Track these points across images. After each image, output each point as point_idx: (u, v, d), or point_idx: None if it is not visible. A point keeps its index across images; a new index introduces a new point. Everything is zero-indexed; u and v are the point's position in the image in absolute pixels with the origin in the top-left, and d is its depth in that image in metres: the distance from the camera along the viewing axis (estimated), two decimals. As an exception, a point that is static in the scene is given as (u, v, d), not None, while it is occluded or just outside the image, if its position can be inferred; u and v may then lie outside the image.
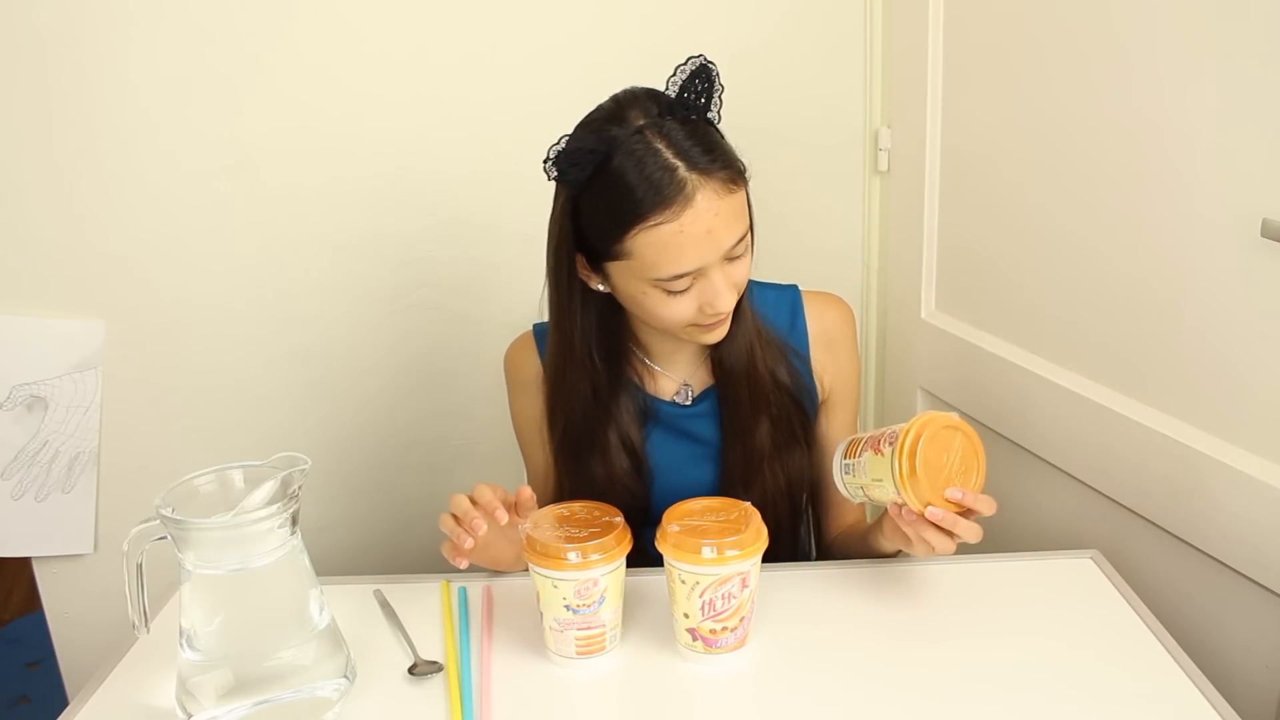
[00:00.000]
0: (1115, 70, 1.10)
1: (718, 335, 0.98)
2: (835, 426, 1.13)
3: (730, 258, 0.92)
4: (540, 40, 1.42)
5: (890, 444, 0.87)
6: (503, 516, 0.89)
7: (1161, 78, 1.04)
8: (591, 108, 0.95)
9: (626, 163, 0.88)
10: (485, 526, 0.88)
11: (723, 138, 0.94)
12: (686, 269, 0.90)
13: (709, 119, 0.94)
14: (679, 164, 0.87)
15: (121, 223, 1.34)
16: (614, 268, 0.94)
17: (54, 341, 1.35)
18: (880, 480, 0.89)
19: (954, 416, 0.88)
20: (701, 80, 0.91)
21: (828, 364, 1.11)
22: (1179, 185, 1.04)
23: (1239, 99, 0.95)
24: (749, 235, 0.94)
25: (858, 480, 0.92)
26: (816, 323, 1.11)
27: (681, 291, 0.92)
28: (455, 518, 0.90)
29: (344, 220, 1.43)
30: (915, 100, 1.46)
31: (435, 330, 1.52)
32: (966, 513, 0.88)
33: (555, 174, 0.92)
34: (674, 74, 0.92)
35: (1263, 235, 0.93)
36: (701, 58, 0.92)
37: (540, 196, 0.99)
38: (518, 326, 1.16)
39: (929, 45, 1.41)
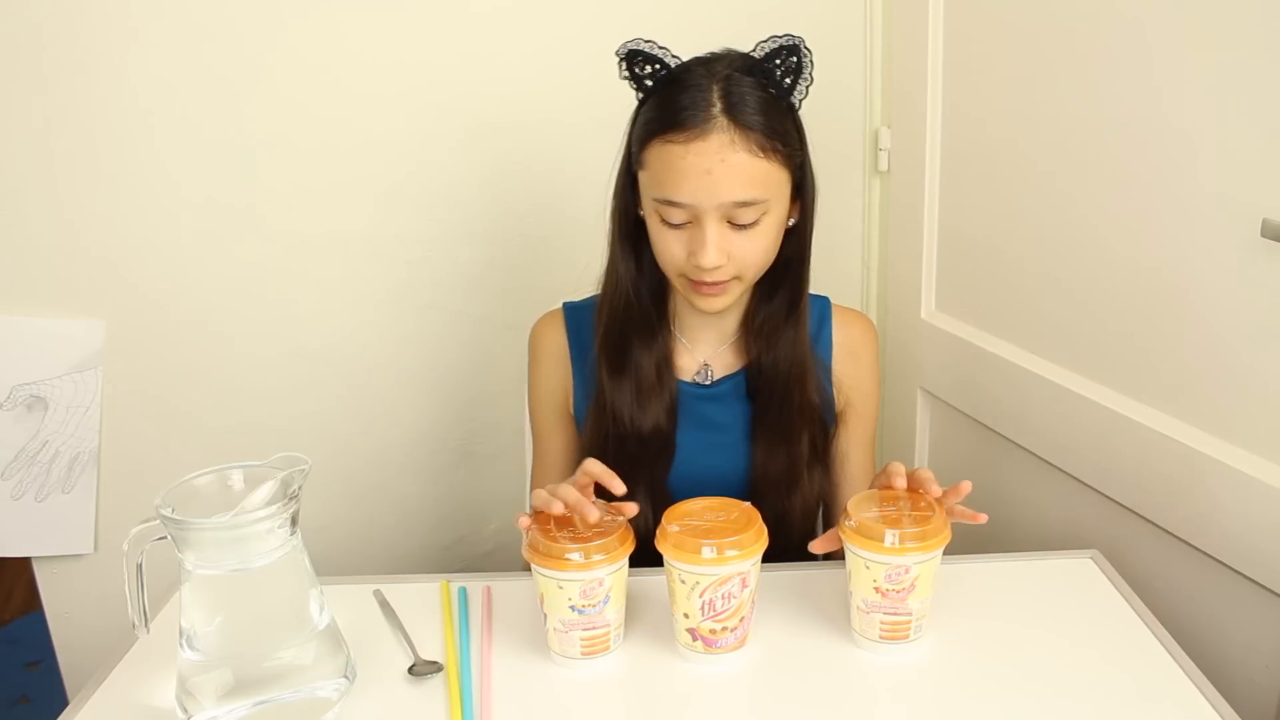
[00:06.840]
0: (1115, 70, 1.10)
1: (708, 304, 0.98)
2: (853, 441, 1.14)
3: (735, 223, 0.93)
4: (539, 40, 1.42)
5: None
6: (593, 514, 0.87)
7: (1161, 78, 1.04)
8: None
9: (680, 86, 0.93)
10: (597, 514, 0.87)
11: (787, 116, 0.95)
12: (678, 198, 0.92)
13: (783, 94, 0.95)
14: (718, 104, 0.92)
15: (121, 223, 1.34)
16: (641, 180, 0.98)
17: (54, 341, 1.35)
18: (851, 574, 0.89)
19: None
20: (788, 56, 0.94)
21: (848, 374, 1.12)
22: (1179, 185, 1.04)
23: (1239, 99, 0.96)
24: (766, 215, 0.94)
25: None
26: (842, 332, 1.12)
27: (676, 226, 0.94)
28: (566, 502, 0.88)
29: (344, 221, 1.43)
30: (915, 100, 1.46)
31: (435, 331, 1.52)
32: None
33: (624, 65, 0.96)
34: (765, 39, 0.95)
35: (1263, 235, 0.93)
36: (799, 39, 0.94)
37: (542, 197, 0.99)
38: (519, 327, 1.16)
39: (929, 45, 1.41)
